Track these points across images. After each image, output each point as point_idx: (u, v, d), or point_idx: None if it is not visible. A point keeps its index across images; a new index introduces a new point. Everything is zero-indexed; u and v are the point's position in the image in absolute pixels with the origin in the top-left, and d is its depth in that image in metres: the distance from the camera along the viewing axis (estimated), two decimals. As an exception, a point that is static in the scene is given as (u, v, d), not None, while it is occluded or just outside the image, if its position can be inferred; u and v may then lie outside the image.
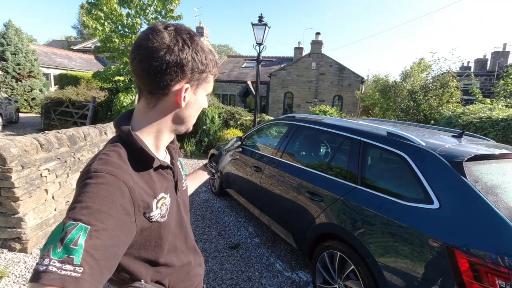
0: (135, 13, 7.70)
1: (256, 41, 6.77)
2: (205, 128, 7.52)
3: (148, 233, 0.64)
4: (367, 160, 2.17)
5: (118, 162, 0.60)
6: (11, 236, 2.63)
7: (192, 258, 0.83)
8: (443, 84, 7.73)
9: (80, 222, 0.48)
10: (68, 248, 0.46)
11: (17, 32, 13.17)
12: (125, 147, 0.64)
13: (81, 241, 0.47)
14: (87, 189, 0.53)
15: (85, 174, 0.57)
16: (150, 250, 0.66)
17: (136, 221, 0.58)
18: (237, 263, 2.82)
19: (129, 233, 0.57)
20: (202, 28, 19.65)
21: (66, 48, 23.98)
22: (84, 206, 0.51)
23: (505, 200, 1.50)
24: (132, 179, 0.59)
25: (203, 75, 0.69)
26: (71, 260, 0.45)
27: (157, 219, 0.64)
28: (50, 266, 0.43)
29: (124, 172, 0.59)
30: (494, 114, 4.69)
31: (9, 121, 9.97)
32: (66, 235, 0.47)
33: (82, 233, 0.47)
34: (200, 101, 0.72)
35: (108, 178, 0.55)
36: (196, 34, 0.67)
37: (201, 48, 0.66)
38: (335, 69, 15.50)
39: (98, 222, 0.50)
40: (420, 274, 1.54)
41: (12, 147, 2.49)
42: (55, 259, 0.45)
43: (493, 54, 17.81)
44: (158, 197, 0.65)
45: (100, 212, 0.51)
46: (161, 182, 0.69)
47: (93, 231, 0.48)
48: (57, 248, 0.46)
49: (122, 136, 0.65)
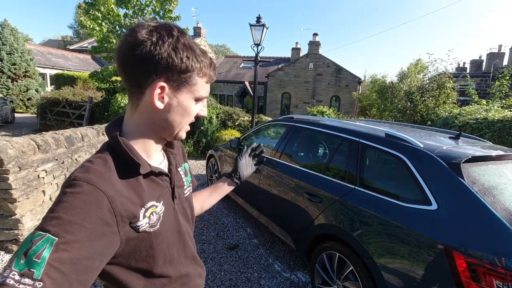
0: (133, 13, 7.69)
1: (254, 42, 6.78)
2: (202, 128, 7.51)
3: (136, 243, 0.62)
4: (366, 161, 2.18)
5: (101, 170, 0.58)
6: (8, 238, 2.62)
7: (191, 268, 0.79)
8: (440, 85, 7.79)
9: (48, 233, 0.47)
10: (30, 261, 0.44)
11: (13, 31, 13.07)
12: (112, 153, 0.62)
13: (46, 254, 0.45)
14: (62, 199, 0.52)
15: (66, 182, 0.56)
16: (141, 260, 0.64)
17: (119, 232, 0.56)
18: (236, 264, 2.82)
19: (110, 244, 0.54)
20: (199, 29, 19.64)
21: (62, 48, 23.82)
22: (55, 216, 0.49)
23: (502, 201, 1.52)
24: (114, 188, 0.57)
25: (186, 75, 0.62)
26: (31, 273, 0.43)
27: (144, 229, 0.62)
28: (8, 279, 0.42)
29: (105, 181, 0.56)
30: (490, 115, 4.74)
31: (5, 121, 9.89)
32: (31, 246, 0.45)
33: (48, 246, 0.45)
34: (185, 105, 0.65)
35: (85, 187, 0.53)
36: (182, 31, 0.62)
37: (184, 45, 0.61)
38: (333, 70, 15.55)
39: (68, 234, 0.48)
40: (419, 275, 1.55)
41: (9, 148, 2.47)
42: (16, 271, 0.43)
43: (488, 55, 18.01)
44: (146, 205, 0.62)
45: (70, 223, 0.49)
46: (153, 189, 0.66)
47: (61, 243, 0.46)
48: (20, 259, 0.44)
49: (110, 141, 0.64)
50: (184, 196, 0.80)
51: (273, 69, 17.47)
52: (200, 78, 0.65)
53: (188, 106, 0.65)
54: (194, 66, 0.63)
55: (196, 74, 0.64)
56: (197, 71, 0.64)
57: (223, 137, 7.18)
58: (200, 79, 0.65)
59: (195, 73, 0.63)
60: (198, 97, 0.66)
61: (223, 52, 43.24)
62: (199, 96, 0.66)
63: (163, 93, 0.62)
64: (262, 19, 6.66)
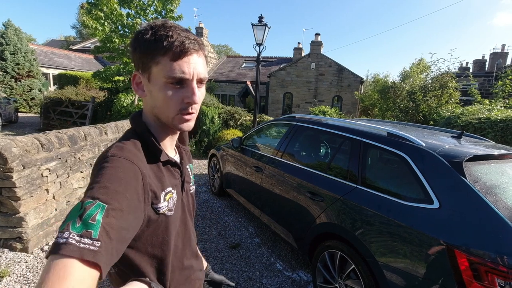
0: (135, 13, 7.71)
1: (256, 42, 6.79)
2: (204, 128, 7.52)
3: (155, 226, 0.65)
4: (367, 160, 2.18)
5: (134, 150, 0.62)
6: (12, 235, 2.64)
7: (194, 262, 0.83)
8: (442, 85, 7.76)
9: (98, 200, 0.49)
10: (87, 223, 0.47)
11: (16, 31, 13.14)
12: (138, 139, 0.67)
13: (99, 217, 0.48)
14: (104, 172, 0.55)
15: (102, 158, 0.59)
16: (157, 246, 0.67)
17: (144, 209, 0.59)
18: (238, 263, 2.83)
19: (138, 219, 0.57)
20: (201, 28, 19.65)
21: (65, 48, 23.96)
22: (102, 186, 0.52)
23: (504, 200, 1.52)
24: (145, 167, 0.62)
25: (147, 59, 0.62)
26: (89, 234, 0.46)
27: (164, 211, 0.65)
28: (69, 239, 0.45)
29: (139, 160, 0.61)
30: (493, 115, 4.72)
31: (8, 120, 9.95)
32: (85, 211, 0.48)
33: (100, 210, 0.49)
34: (158, 89, 0.64)
35: (124, 163, 0.57)
36: (162, 23, 0.63)
37: (144, 34, 0.62)
38: (335, 70, 15.52)
39: (115, 202, 0.51)
40: (421, 274, 1.55)
41: (13, 147, 2.49)
42: (75, 232, 0.46)
43: (491, 55, 17.88)
44: (166, 190, 0.67)
45: (117, 193, 0.52)
46: (170, 177, 0.71)
47: (110, 210, 0.50)
48: (76, 223, 0.47)
49: (134, 128, 0.70)
50: (190, 192, 0.83)
51: (275, 69, 17.47)
52: (162, 56, 0.61)
53: (161, 89, 0.63)
54: (149, 45, 0.62)
55: (158, 54, 0.61)
56: (158, 51, 0.61)
57: (225, 137, 7.19)
58: (162, 57, 0.61)
59: (156, 54, 0.61)
60: (167, 76, 0.61)
61: (225, 52, 43.26)
62: (167, 75, 0.61)
63: (141, 83, 0.67)
64: (264, 19, 6.66)
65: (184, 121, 0.67)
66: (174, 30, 0.62)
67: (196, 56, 0.64)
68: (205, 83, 0.70)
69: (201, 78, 0.66)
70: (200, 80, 0.66)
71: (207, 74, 0.69)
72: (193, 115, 0.68)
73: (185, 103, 0.65)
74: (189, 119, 0.67)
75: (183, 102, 0.65)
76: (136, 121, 0.70)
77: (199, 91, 0.67)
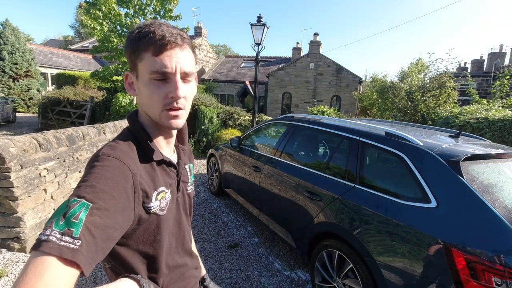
0: (134, 13, 7.70)
1: (255, 41, 6.78)
2: (203, 128, 7.52)
3: (147, 225, 0.65)
4: (366, 159, 2.19)
5: (126, 149, 0.63)
6: (10, 235, 2.63)
7: (188, 260, 0.83)
8: (440, 85, 7.78)
9: (83, 199, 0.50)
10: (69, 221, 0.48)
11: (14, 31, 13.12)
12: (132, 138, 0.67)
13: (82, 216, 0.48)
14: (93, 170, 0.55)
15: (94, 157, 0.60)
16: (149, 244, 0.67)
17: (134, 209, 0.60)
18: (236, 263, 2.83)
19: (128, 218, 0.58)
20: (200, 28, 19.65)
21: (64, 47, 23.89)
22: (89, 185, 0.53)
23: (501, 199, 1.53)
24: (136, 167, 0.62)
25: (134, 57, 0.64)
26: (70, 232, 0.47)
27: (155, 211, 0.65)
28: (50, 236, 0.46)
29: (130, 159, 0.61)
30: (491, 115, 4.73)
31: (6, 120, 9.92)
32: (69, 210, 0.49)
33: (84, 209, 0.49)
34: (143, 85, 0.65)
35: (114, 162, 0.58)
36: (150, 22, 0.65)
37: (133, 31, 0.65)
38: (333, 70, 15.54)
39: (100, 201, 0.51)
40: (418, 272, 1.56)
41: (11, 147, 2.48)
42: (57, 230, 0.46)
43: (489, 55, 17.95)
44: (158, 189, 0.67)
45: (103, 192, 0.52)
46: (164, 177, 0.71)
47: (95, 209, 0.50)
48: (59, 221, 0.48)
49: (130, 127, 0.71)
50: (187, 192, 0.83)
51: (273, 69, 17.47)
52: (145, 52, 0.62)
53: (146, 85, 0.64)
54: (136, 45, 0.63)
55: (142, 51, 0.62)
56: (141, 48, 0.62)
57: (224, 137, 7.19)
58: (145, 53, 0.62)
59: (140, 51, 0.63)
60: (149, 72, 0.62)
61: (224, 52, 43.25)
62: (149, 70, 0.62)
63: (132, 82, 0.69)
64: (263, 19, 6.66)
65: (171, 117, 0.65)
66: (158, 26, 0.63)
67: (179, 50, 0.63)
68: (194, 78, 0.69)
69: (185, 72, 0.64)
70: (185, 74, 0.65)
71: (194, 68, 0.68)
72: (181, 112, 0.66)
73: (169, 98, 0.64)
74: (177, 115, 0.66)
75: (167, 97, 0.64)
76: (132, 120, 0.71)
77: (187, 86, 0.66)
